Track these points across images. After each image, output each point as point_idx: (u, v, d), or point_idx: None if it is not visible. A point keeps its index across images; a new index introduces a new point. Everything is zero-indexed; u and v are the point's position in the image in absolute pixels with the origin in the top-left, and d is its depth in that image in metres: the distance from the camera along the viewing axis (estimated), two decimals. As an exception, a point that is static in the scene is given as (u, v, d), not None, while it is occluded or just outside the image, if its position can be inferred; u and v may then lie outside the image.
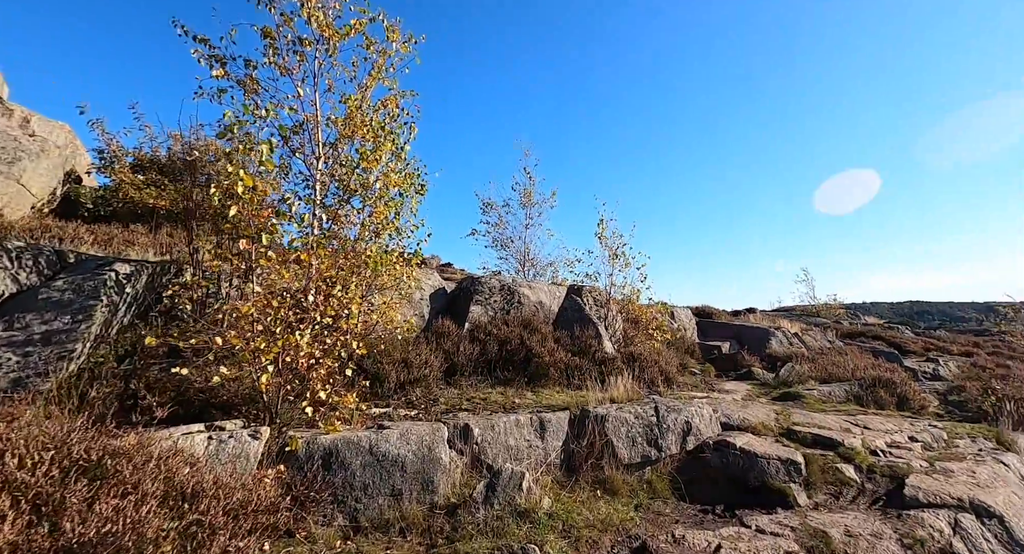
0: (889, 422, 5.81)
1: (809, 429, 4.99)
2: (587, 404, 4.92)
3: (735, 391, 8.08)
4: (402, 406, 4.73)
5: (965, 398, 10.19)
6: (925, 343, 16.71)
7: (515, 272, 11.32)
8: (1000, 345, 19.01)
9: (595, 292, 8.18)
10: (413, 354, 5.42)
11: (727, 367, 10.65)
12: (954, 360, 14.97)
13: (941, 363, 13.98)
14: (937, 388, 11.95)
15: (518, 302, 7.77)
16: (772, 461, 4.11)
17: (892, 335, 17.28)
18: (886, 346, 15.80)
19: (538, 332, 6.75)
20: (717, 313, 17.83)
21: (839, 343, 14.69)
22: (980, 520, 3.51)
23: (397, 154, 5.51)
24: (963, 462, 4.61)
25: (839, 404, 7.38)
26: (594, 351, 6.59)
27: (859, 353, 13.01)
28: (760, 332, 12.90)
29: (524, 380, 5.99)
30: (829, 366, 9.33)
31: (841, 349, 12.72)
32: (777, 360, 10.79)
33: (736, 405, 5.84)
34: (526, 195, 11.68)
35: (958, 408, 8.84)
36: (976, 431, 6.12)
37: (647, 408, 4.68)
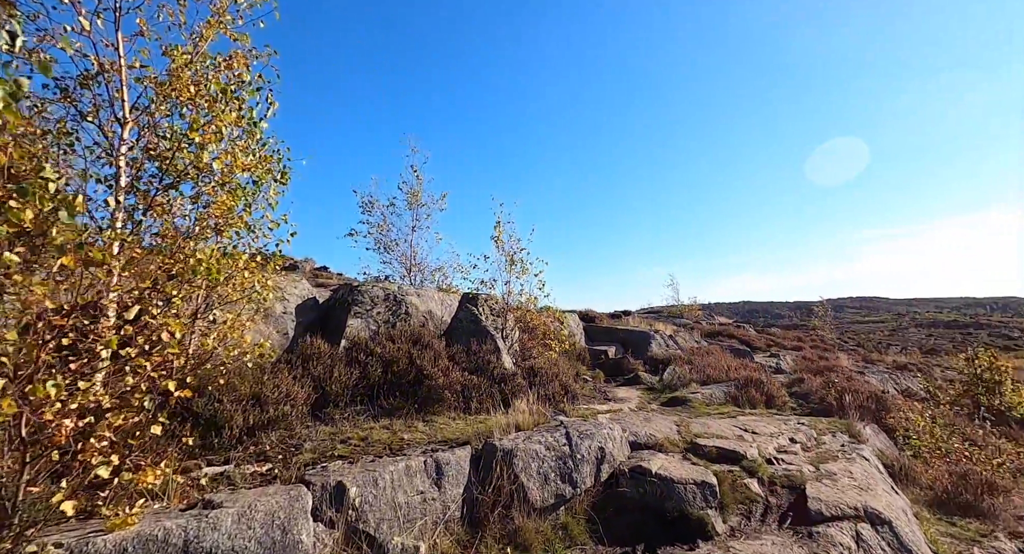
0: (769, 424, 6.11)
1: (711, 441, 4.92)
2: (490, 434, 4.23)
3: (628, 398, 8.08)
4: (250, 460, 3.56)
5: (806, 390, 11.65)
6: (767, 340, 19.27)
7: (400, 278, 10.26)
8: (816, 339, 22.84)
9: (492, 301, 7.58)
10: (269, 386, 4.22)
11: (615, 372, 10.84)
12: (789, 354, 17.41)
13: (781, 357, 16.11)
14: (782, 381, 13.60)
15: (406, 313, 6.82)
16: (688, 486, 3.83)
17: (742, 333, 19.64)
18: (739, 344, 17.82)
19: (430, 348, 5.90)
20: (599, 317, 18.53)
21: (704, 343, 16.14)
22: (875, 528, 3.57)
23: (249, 131, 4.29)
24: (838, 462, 4.89)
25: (720, 406, 7.75)
26: (493, 368, 5.95)
27: (722, 352, 14.34)
28: (641, 336, 13.52)
29: (414, 407, 5.10)
30: (706, 368, 9.93)
31: (708, 349, 13.90)
32: (659, 363, 11.29)
33: (638, 418, 5.65)
34: (413, 195, 10.70)
35: (804, 400, 9.99)
36: (832, 425, 6.76)
37: (558, 436, 4.14)
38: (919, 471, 5.44)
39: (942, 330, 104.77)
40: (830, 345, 21.64)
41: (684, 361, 11.09)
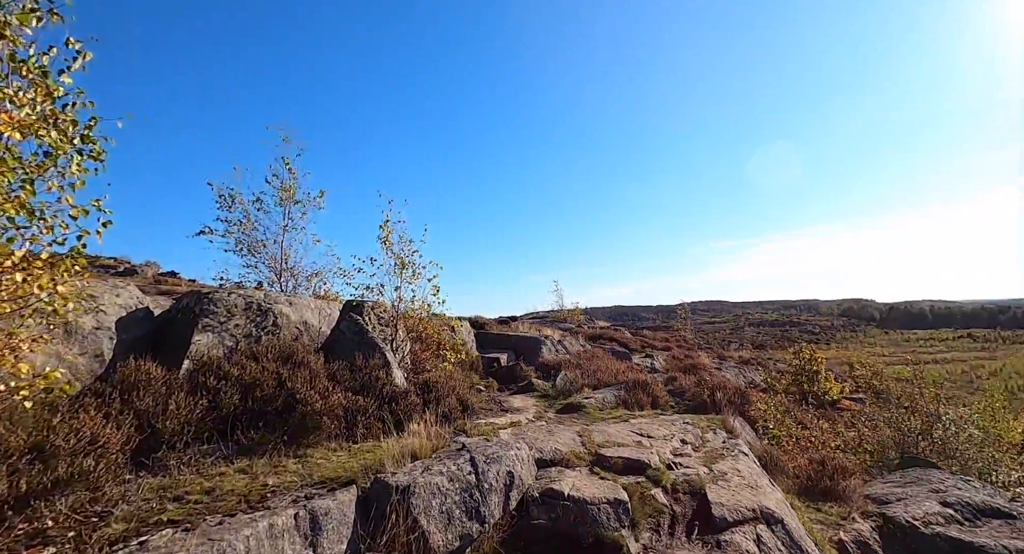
0: (661, 427, 6.28)
1: (615, 451, 4.81)
2: (381, 467, 3.56)
3: (525, 408, 7.85)
4: (20, 543, 2.45)
5: (681, 388, 12.63)
6: (641, 342, 20.84)
7: (268, 284, 8.83)
8: (680, 339, 25.46)
9: (380, 309, 6.77)
10: (61, 431, 3.04)
11: (508, 379, 10.61)
12: (661, 354, 18.99)
13: (654, 357, 17.47)
14: (659, 380, 14.72)
15: (274, 325, 5.72)
16: (602, 507, 3.59)
17: (620, 336, 21.00)
18: (619, 346, 18.98)
19: (305, 366, 4.96)
20: (489, 323, 18.37)
21: (588, 346, 16.84)
22: (771, 528, 3.67)
23: (36, 82, 3.08)
24: (726, 460, 5.12)
25: (612, 410, 7.89)
26: (382, 385, 5.21)
27: (606, 355, 15.05)
28: (532, 342, 13.57)
29: (283, 440, 4.18)
30: (596, 372, 10.17)
31: (593, 353, 14.47)
32: (550, 368, 11.35)
33: (541, 432, 5.37)
34: (285, 191, 9.31)
35: (680, 398, 10.78)
36: (711, 423, 7.23)
37: (461, 463, 3.63)
38: (784, 460, 5.99)
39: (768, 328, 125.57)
40: (691, 345, 24.27)
41: (574, 366, 11.30)
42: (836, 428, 14.22)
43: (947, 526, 3.92)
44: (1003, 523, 3.92)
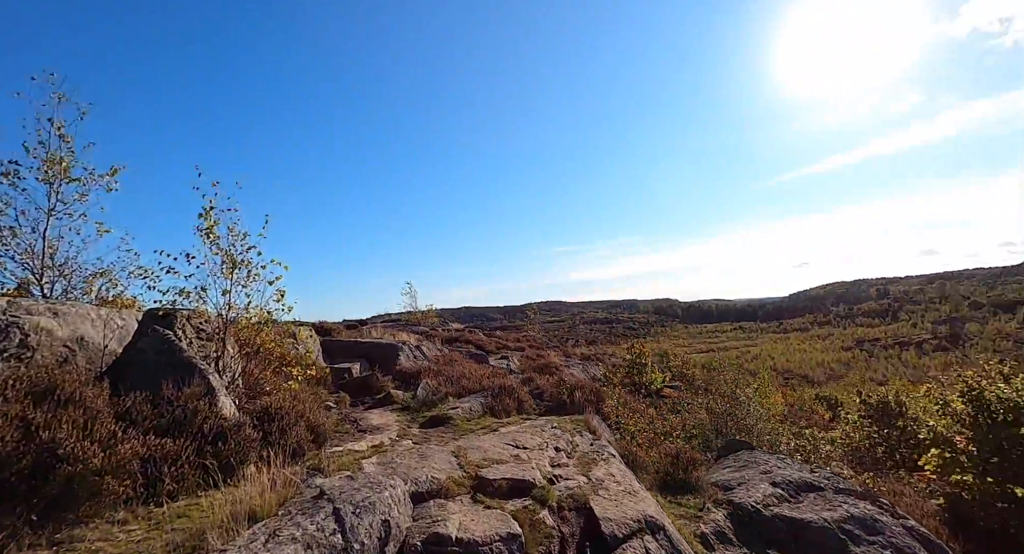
0: (533, 435, 6.15)
1: (496, 471, 4.44)
2: (201, 543, 2.59)
3: (386, 425, 7.04)
4: None
5: (539, 388, 12.98)
6: (496, 343, 21.20)
7: (17, 285, 6.33)
8: (530, 339, 26.70)
9: (200, 318, 5.29)
10: None
11: (362, 392, 9.57)
12: (515, 355, 19.53)
13: (510, 358, 17.85)
14: (517, 381, 14.98)
15: (22, 346, 3.99)
16: (495, 546, 3.17)
17: (476, 338, 21.04)
18: (475, 349, 18.95)
19: (76, 404, 3.51)
20: (336, 329, 16.65)
21: (446, 350, 16.41)
22: (655, 537, 3.69)
23: None
24: (599, 466, 5.17)
25: (480, 419, 7.57)
26: (203, 420, 3.98)
27: (465, 359, 14.80)
28: (388, 348, 12.59)
29: (32, 518, 2.82)
30: (459, 378, 9.77)
31: (451, 357, 14.07)
32: (409, 377, 10.59)
33: (412, 457, 4.73)
34: (54, 163, 6.83)
35: (540, 399, 11.04)
36: (575, 424, 7.41)
37: (321, 519, 2.84)
38: (642, 456, 6.37)
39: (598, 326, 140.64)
40: (541, 344, 25.63)
41: (435, 373, 10.74)
42: (662, 413, 16.30)
43: (780, 505, 4.50)
44: (816, 496, 4.66)
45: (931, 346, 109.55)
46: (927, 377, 63.96)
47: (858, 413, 15.87)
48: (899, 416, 14.93)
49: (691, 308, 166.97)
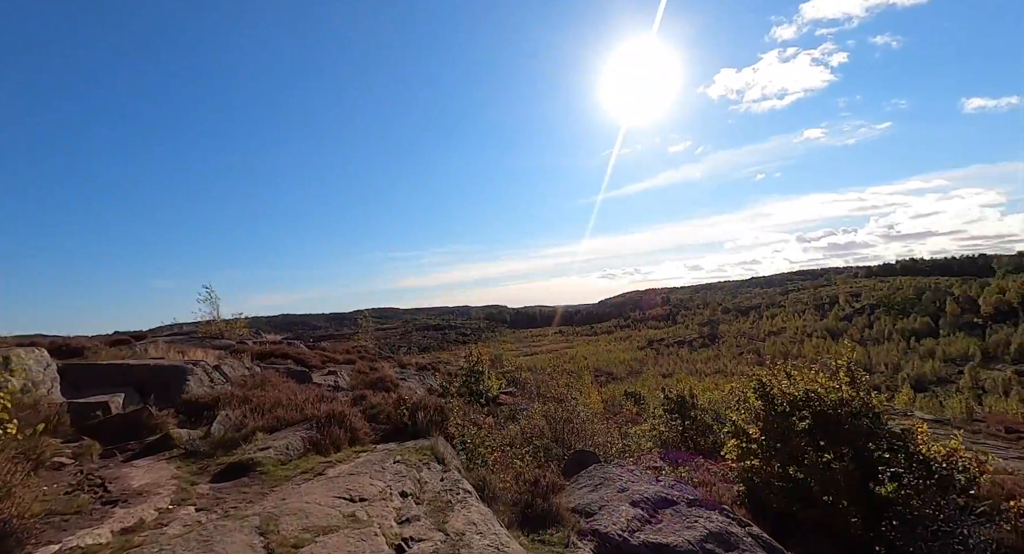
0: (373, 478, 4.98)
1: (320, 549, 3.23)
2: None
3: (155, 487, 5.03)
4: None
5: (374, 408, 11.48)
6: (321, 356, 18.69)
7: None
8: (362, 350, 24.43)
9: None
10: None
11: (126, 435, 6.98)
12: (345, 369, 17.44)
13: (338, 373, 15.82)
14: (348, 400, 13.15)
15: None
16: None
17: (296, 352, 18.20)
18: (295, 364, 16.31)
19: None
20: (92, 347, 12.44)
21: (257, 369, 13.64)
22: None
23: None
24: (456, 511, 4.33)
25: (301, 460, 6.03)
26: None
27: (282, 378, 12.43)
28: (170, 372, 9.68)
29: None
30: (275, 407, 7.86)
31: (264, 377, 11.64)
32: (202, 408, 8.18)
33: (186, 547, 3.19)
34: None
35: (375, 421, 9.67)
36: (421, 454, 6.42)
37: None
38: (497, 485, 5.75)
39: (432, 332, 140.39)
40: (373, 355, 23.61)
41: (239, 400, 8.53)
42: (500, 422, 16.24)
43: (644, 529, 4.33)
44: (672, 511, 4.64)
45: (698, 343, 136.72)
46: (697, 369, 78.93)
47: (662, 407, 18.22)
48: (692, 407, 17.55)
49: (519, 314, 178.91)
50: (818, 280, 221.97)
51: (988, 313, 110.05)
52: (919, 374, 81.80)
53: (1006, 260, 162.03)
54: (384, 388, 14.56)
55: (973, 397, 61.74)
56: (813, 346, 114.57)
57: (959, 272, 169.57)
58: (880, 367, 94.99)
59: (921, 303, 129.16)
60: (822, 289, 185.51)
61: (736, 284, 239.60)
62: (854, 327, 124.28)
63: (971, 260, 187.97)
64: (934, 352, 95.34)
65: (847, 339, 54.75)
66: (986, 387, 69.06)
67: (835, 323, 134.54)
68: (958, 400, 34.33)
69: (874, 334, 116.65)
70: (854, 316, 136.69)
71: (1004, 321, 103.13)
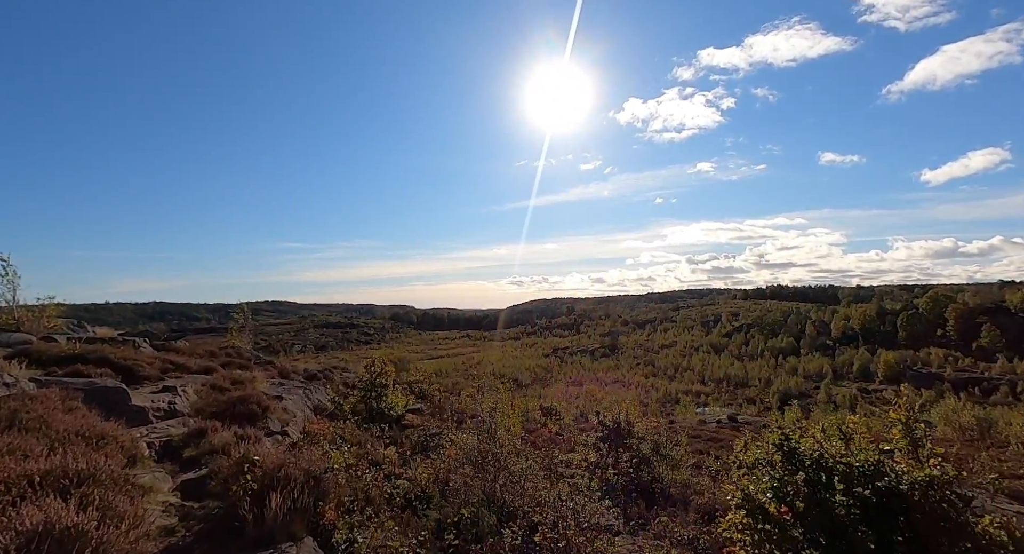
0: None
1: None
2: None
3: None
4: None
5: (204, 461, 7.55)
6: (163, 362, 13.77)
7: None
8: (232, 353, 19.35)
9: None
10: None
11: None
12: (194, 381, 12.82)
13: (179, 391, 11.31)
14: (171, 434, 8.92)
15: None
16: None
17: (124, 355, 13.12)
18: (115, 374, 11.48)
19: None
20: None
21: (29, 385, 8.88)
22: None
23: None
24: None
25: None
26: None
27: (72, 402, 7.97)
28: None
29: None
30: None
31: (30, 398, 7.16)
32: None
33: None
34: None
35: (197, 497, 5.89)
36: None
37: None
38: None
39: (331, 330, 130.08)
40: (246, 359, 18.72)
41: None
42: (405, 454, 12.81)
43: None
44: None
45: (600, 353, 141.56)
46: (598, 378, 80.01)
47: (596, 435, 15.99)
48: (629, 436, 15.50)
49: (426, 316, 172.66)
50: (704, 299, 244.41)
51: (836, 336, 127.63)
52: (786, 388, 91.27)
53: (848, 291, 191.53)
54: (247, 414, 10.49)
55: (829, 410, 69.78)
56: (700, 359, 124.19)
57: (814, 299, 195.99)
58: (755, 381, 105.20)
59: (787, 325, 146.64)
60: (708, 308, 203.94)
61: (634, 298, 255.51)
62: (734, 343, 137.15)
63: (822, 289, 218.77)
64: (797, 369, 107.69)
65: (728, 354, 59.50)
66: (837, 401, 78.60)
67: (719, 339, 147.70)
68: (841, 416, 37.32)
69: (749, 350, 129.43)
70: (734, 334, 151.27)
71: (848, 343, 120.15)
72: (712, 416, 37.55)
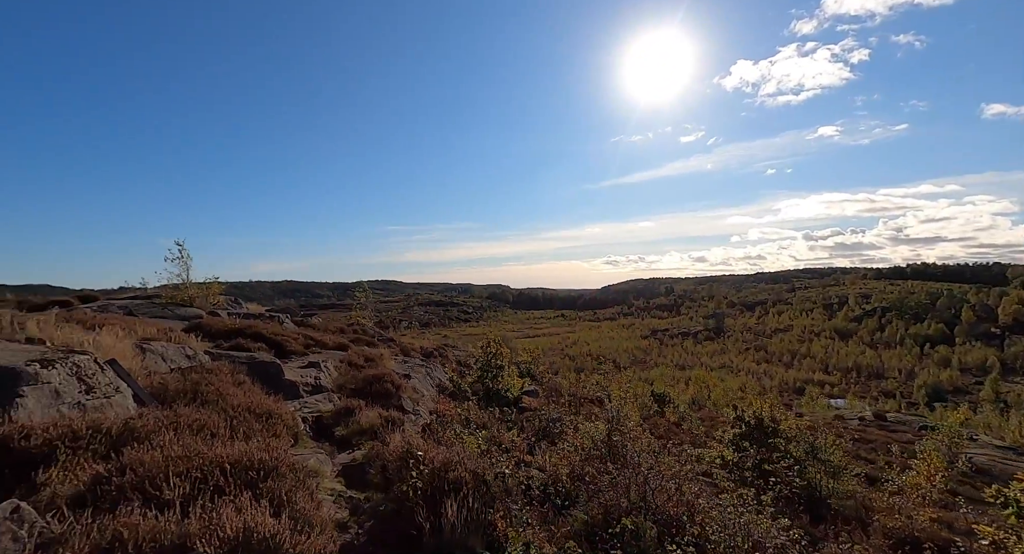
0: None
1: None
2: None
3: None
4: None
5: (354, 441, 7.61)
6: (305, 338, 14.79)
7: None
8: (359, 331, 20.60)
9: None
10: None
11: None
12: (332, 357, 13.57)
13: (322, 366, 11.90)
14: (320, 410, 9.28)
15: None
16: None
17: (273, 330, 14.25)
18: (268, 349, 12.45)
19: None
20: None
21: (206, 359, 9.74)
22: None
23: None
24: None
25: None
26: None
27: (240, 375, 8.55)
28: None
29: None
30: (191, 455, 3.90)
31: (203, 380, 7.71)
32: (24, 461, 4.26)
33: None
34: None
35: (359, 486, 5.78)
36: None
37: None
38: None
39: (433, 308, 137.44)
40: (371, 336, 19.79)
41: (112, 444, 4.63)
42: (529, 438, 12.47)
43: None
44: None
45: (703, 336, 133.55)
46: (703, 362, 75.24)
47: (733, 430, 14.42)
48: (773, 435, 13.72)
49: (521, 295, 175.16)
50: (826, 279, 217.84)
51: (1007, 323, 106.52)
52: (935, 383, 78.51)
53: (1019, 270, 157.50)
54: (382, 392, 10.69)
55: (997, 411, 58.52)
56: (822, 346, 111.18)
57: (972, 279, 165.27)
58: (893, 372, 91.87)
59: (935, 309, 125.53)
60: (831, 288, 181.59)
61: (741, 278, 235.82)
62: (864, 330, 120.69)
63: (984, 268, 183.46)
64: (949, 361, 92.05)
65: (857, 341, 51.09)
66: (1009, 401, 65.76)
67: (845, 323, 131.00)
68: (1018, 420, 30.67)
69: (885, 338, 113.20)
70: (864, 318, 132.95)
71: (1021, 332, 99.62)
72: (851, 411, 33.06)
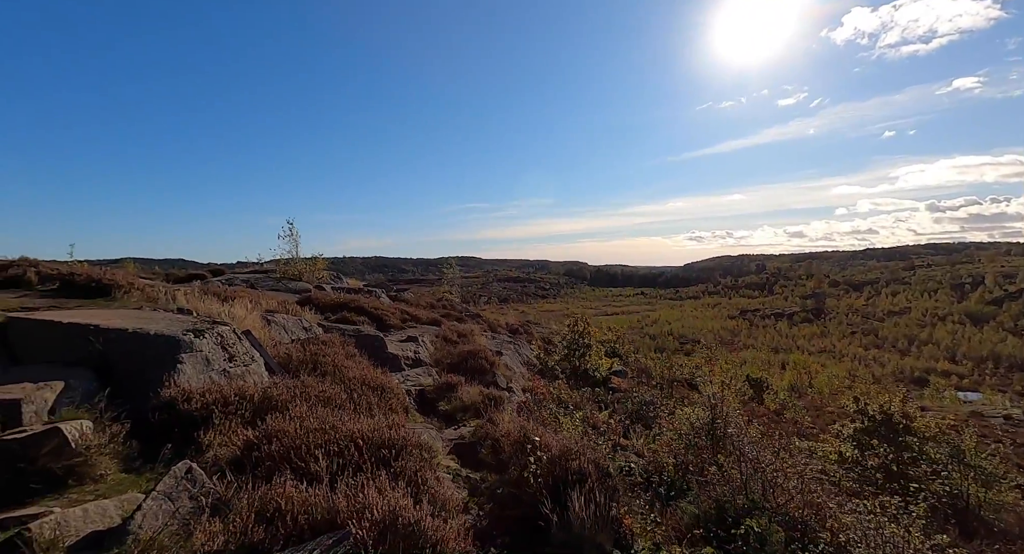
0: None
1: None
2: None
3: None
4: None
5: (460, 415, 7.72)
6: (401, 312, 15.44)
7: None
8: (449, 307, 21.24)
9: None
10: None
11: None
12: (427, 331, 14.04)
13: (420, 341, 12.32)
14: (422, 383, 9.56)
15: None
16: None
17: (373, 304, 15.02)
18: (370, 321, 13.14)
19: None
20: (124, 285, 9.34)
21: (319, 330, 10.42)
22: None
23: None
24: None
25: None
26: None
27: (350, 347, 9.03)
28: (154, 345, 5.76)
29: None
30: (326, 428, 4.06)
31: (320, 351, 8.20)
32: (185, 422, 4.68)
33: None
34: None
35: (472, 464, 5.78)
36: None
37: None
38: None
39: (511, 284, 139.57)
40: (460, 312, 20.33)
41: (256, 410, 4.98)
42: (623, 420, 12.10)
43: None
44: None
45: (800, 318, 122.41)
46: (799, 346, 68.09)
47: (854, 425, 12.96)
48: (905, 432, 12.11)
49: (599, 272, 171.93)
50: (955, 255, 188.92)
51: None
52: (1105, 381, 65.80)
53: None
54: (478, 368, 10.81)
55: None
56: (948, 331, 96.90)
57: None
58: (1043, 365, 78.26)
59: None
60: (961, 266, 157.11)
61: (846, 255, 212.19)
62: (1005, 314, 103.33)
63: None
64: (1124, 354, 76.50)
65: (995, 327, 43.07)
66: None
67: (979, 307, 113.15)
68: None
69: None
70: (1005, 301, 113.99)
71: None
72: (992, 409, 28.57)
